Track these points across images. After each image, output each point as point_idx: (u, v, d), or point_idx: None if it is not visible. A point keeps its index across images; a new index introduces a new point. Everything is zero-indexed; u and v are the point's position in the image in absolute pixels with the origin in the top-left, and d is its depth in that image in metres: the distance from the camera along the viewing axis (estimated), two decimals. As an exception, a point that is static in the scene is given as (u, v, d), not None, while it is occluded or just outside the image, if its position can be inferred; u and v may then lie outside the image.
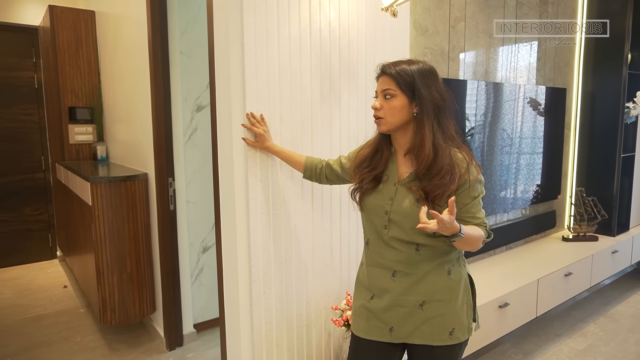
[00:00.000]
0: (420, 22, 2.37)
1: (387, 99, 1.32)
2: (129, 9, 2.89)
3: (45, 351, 2.73)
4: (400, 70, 1.31)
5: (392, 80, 1.31)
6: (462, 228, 1.21)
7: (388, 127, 1.33)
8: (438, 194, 1.25)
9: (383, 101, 1.32)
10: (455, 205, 1.28)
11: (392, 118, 1.31)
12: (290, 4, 1.76)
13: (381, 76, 1.34)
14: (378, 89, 1.35)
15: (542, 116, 3.19)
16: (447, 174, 1.25)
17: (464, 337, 1.37)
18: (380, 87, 1.34)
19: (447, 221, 1.13)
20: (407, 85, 1.29)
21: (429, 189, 1.26)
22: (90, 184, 2.60)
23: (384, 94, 1.32)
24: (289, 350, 1.91)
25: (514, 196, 3.09)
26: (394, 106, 1.31)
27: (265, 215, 1.78)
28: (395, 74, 1.31)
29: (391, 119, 1.32)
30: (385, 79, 1.32)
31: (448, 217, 1.14)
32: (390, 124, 1.32)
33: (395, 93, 1.30)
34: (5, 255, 4.24)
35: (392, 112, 1.31)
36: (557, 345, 2.82)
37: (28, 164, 4.29)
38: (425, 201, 1.26)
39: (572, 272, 2.85)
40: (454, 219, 1.16)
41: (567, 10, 3.34)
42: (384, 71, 1.34)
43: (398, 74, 1.30)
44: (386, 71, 1.33)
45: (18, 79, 4.19)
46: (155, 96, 2.56)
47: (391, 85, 1.31)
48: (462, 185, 1.28)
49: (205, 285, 2.97)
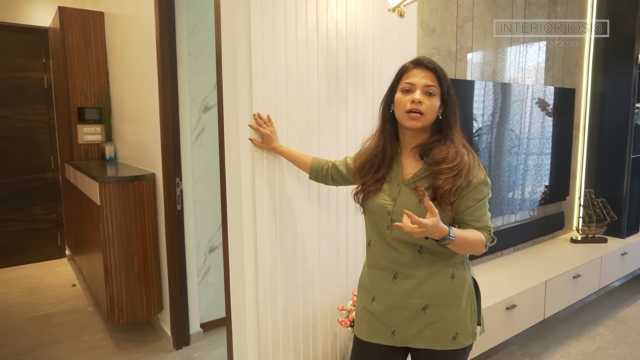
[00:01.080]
0: (428, 23, 2.36)
1: (430, 95, 1.25)
2: (137, 10, 2.91)
3: (53, 349, 2.76)
4: (439, 67, 1.27)
5: (435, 77, 1.25)
6: (452, 231, 1.19)
7: (423, 124, 1.27)
8: (447, 190, 1.22)
9: (424, 97, 1.25)
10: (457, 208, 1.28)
11: (431, 116, 1.27)
12: (297, 4, 1.76)
13: (421, 69, 1.26)
14: (418, 82, 1.26)
15: (550, 117, 3.17)
16: (459, 171, 1.24)
17: (468, 342, 1.36)
18: (422, 81, 1.25)
19: (429, 224, 1.12)
20: (445, 87, 1.27)
21: (438, 185, 1.23)
22: (99, 183, 2.62)
23: (426, 90, 1.25)
24: (295, 350, 1.91)
25: (521, 197, 3.07)
26: (434, 104, 1.26)
27: (272, 216, 1.78)
28: (440, 71, 1.26)
29: (430, 116, 1.26)
30: (428, 73, 1.26)
31: (430, 220, 1.13)
32: (426, 122, 1.27)
33: (437, 91, 1.26)
34: (14, 253, 4.29)
35: (432, 110, 1.26)
36: (565, 348, 2.79)
37: (37, 164, 4.34)
38: (431, 200, 1.24)
39: (580, 274, 2.83)
40: (437, 222, 1.14)
41: (576, 9, 3.31)
42: (426, 65, 1.26)
43: (442, 74, 1.26)
44: (429, 66, 1.26)
45: (28, 79, 4.24)
46: (162, 96, 2.58)
47: (434, 83, 1.25)
48: (466, 187, 1.26)
49: (212, 285, 2.98)
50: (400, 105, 1.28)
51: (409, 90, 1.27)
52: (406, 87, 1.27)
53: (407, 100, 1.26)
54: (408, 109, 1.26)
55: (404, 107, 1.27)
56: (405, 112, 1.27)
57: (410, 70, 1.28)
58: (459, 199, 1.27)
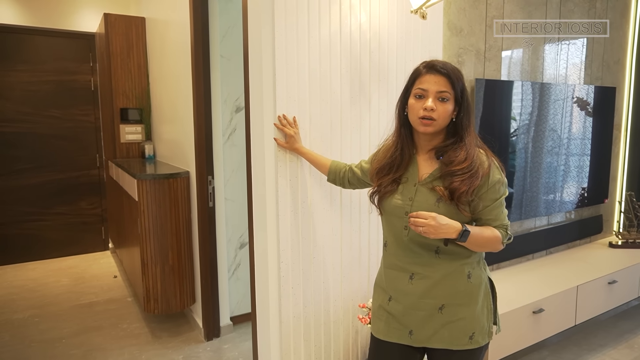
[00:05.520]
0: (455, 23, 2.35)
1: (443, 101, 1.26)
2: (174, 15, 3.04)
3: (95, 335, 2.94)
4: (452, 71, 1.26)
5: (449, 82, 1.25)
6: (467, 227, 1.24)
7: (436, 129, 1.29)
8: (464, 191, 1.24)
9: (437, 103, 1.25)
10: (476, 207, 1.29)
11: (443, 121, 1.28)
12: (321, 8, 1.81)
13: (434, 74, 1.26)
14: (431, 87, 1.26)
15: (589, 116, 3.06)
16: (475, 172, 1.25)
17: (484, 341, 1.36)
18: (435, 87, 1.25)
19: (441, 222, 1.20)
20: (459, 89, 1.26)
21: (455, 187, 1.24)
22: (137, 180, 2.77)
23: (439, 96, 1.25)
24: (316, 345, 1.97)
25: (557, 199, 2.98)
26: (447, 109, 1.27)
27: (294, 214, 1.84)
28: (453, 75, 1.25)
29: (442, 121, 1.28)
30: (441, 79, 1.25)
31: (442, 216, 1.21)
32: (439, 126, 1.28)
33: (450, 96, 1.26)
34: (63, 245, 4.59)
35: (445, 115, 1.27)
36: (599, 356, 2.70)
37: (84, 162, 4.61)
38: (449, 200, 1.26)
39: (616, 280, 2.72)
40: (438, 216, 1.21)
41: (618, 5, 3.18)
42: (438, 70, 1.26)
43: (455, 77, 1.26)
44: (442, 71, 1.25)
45: (77, 82, 4.51)
46: (196, 98, 2.69)
47: (447, 88, 1.25)
48: (482, 186, 1.27)
49: (242, 280, 3.08)
50: (413, 111, 1.29)
51: (422, 96, 1.27)
52: (419, 93, 1.28)
53: (419, 107, 1.27)
54: (421, 116, 1.27)
55: (417, 114, 1.28)
56: (418, 118, 1.28)
57: (423, 75, 1.28)
58: (477, 198, 1.28)
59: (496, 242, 1.31)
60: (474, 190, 1.25)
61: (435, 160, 1.33)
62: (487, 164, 1.28)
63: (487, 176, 1.27)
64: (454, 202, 1.26)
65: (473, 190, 1.25)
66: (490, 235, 1.29)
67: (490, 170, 1.28)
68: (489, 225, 1.31)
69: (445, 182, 1.28)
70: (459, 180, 1.24)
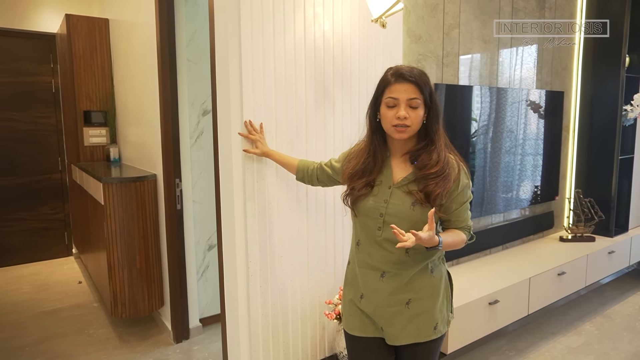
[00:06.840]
0: (414, 30, 2.47)
1: (413, 108, 1.30)
2: (139, 17, 3.04)
3: (60, 342, 2.89)
4: (419, 77, 1.30)
5: (417, 89, 1.29)
6: (441, 240, 1.30)
7: (409, 135, 1.33)
8: (439, 193, 1.30)
9: (409, 110, 1.30)
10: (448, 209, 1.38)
11: (417, 126, 1.33)
12: (286, 15, 1.88)
13: (403, 83, 1.30)
14: (401, 96, 1.30)
15: (541, 119, 3.26)
16: (447, 174, 1.33)
17: (444, 330, 1.46)
18: (405, 95, 1.29)
19: (424, 238, 1.23)
20: (427, 93, 1.32)
21: (430, 189, 1.31)
22: (103, 184, 2.76)
23: (409, 104, 1.30)
24: (284, 341, 2.03)
25: (512, 197, 3.16)
26: (419, 115, 1.31)
27: (261, 215, 1.90)
28: (420, 82, 1.29)
29: (416, 126, 1.32)
30: (410, 87, 1.29)
31: (427, 234, 1.23)
32: (412, 132, 1.33)
33: (420, 102, 1.30)
34: (24, 252, 4.45)
35: (417, 121, 1.31)
36: (551, 343, 2.88)
37: (45, 165, 4.50)
38: (425, 203, 1.32)
39: (565, 272, 2.91)
40: (433, 235, 1.25)
41: (565, 14, 3.40)
42: (407, 78, 1.29)
43: (423, 83, 1.29)
44: (410, 79, 1.29)
45: (37, 83, 4.39)
46: (163, 100, 2.70)
47: (417, 95, 1.29)
48: (454, 190, 1.35)
49: (211, 282, 3.10)
50: (386, 119, 1.34)
51: (393, 105, 1.32)
52: (390, 103, 1.32)
53: (392, 116, 1.32)
54: (395, 124, 1.32)
55: (391, 122, 1.33)
56: (392, 126, 1.33)
57: (392, 85, 1.32)
58: (449, 201, 1.36)
59: (461, 244, 1.42)
60: (447, 192, 1.33)
61: (409, 165, 1.39)
62: (457, 168, 1.36)
63: (457, 180, 1.35)
64: (429, 205, 1.32)
65: (446, 192, 1.33)
66: (457, 240, 1.39)
67: (460, 174, 1.36)
68: (456, 227, 1.41)
69: (419, 185, 1.34)
70: (433, 183, 1.31)
